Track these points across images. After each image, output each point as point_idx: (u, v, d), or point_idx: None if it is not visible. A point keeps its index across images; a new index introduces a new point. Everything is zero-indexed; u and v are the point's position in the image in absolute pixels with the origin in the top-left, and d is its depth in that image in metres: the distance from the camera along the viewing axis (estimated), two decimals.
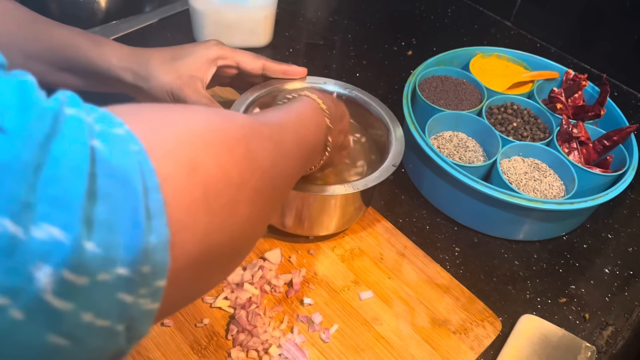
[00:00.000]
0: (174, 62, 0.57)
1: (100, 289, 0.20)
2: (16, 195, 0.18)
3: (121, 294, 0.21)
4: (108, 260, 0.20)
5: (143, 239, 0.21)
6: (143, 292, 0.22)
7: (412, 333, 0.56)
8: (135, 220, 0.21)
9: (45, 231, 0.19)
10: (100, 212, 0.20)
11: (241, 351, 0.52)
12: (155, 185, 0.22)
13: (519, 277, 0.64)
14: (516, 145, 0.68)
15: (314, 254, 0.61)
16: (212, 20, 0.82)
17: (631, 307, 0.63)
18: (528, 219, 0.64)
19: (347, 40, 0.94)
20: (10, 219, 0.18)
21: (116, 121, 0.23)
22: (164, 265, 0.23)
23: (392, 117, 0.64)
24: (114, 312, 0.21)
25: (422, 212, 0.69)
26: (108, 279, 0.20)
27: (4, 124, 0.18)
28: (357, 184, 0.55)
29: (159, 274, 0.22)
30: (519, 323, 0.58)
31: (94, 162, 0.20)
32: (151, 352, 0.51)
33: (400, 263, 0.62)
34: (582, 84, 0.77)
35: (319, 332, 0.55)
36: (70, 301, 0.19)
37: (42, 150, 0.19)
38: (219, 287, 0.57)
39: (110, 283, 0.20)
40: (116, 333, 0.22)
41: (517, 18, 1.01)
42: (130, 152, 0.22)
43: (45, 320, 0.19)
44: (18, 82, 0.20)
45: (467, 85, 0.76)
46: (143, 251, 0.21)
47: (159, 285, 0.23)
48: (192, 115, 0.28)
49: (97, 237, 0.20)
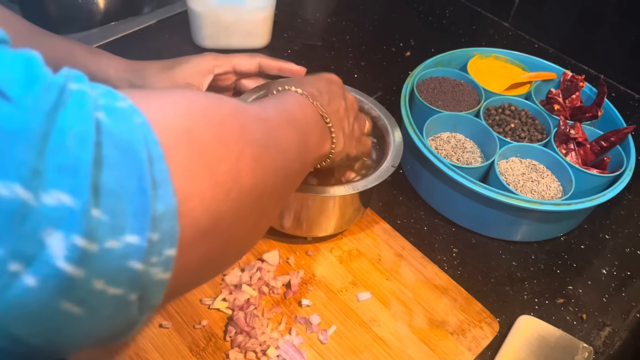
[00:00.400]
0: (170, 70, 0.58)
1: (110, 255, 0.21)
2: (26, 161, 0.19)
3: (132, 261, 0.21)
4: (116, 227, 0.21)
5: (150, 206, 0.22)
6: (154, 260, 0.22)
7: (409, 334, 0.56)
8: (142, 189, 0.22)
9: (55, 197, 0.19)
10: (107, 180, 0.21)
11: (239, 352, 0.52)
12: (159, 155, 0.23)
13: (516, 278, 0.64)
14: (514, 146, 0.69)
15: (312, 255, 0.61)
16: (210, 21, 0.82)
17: (628, 308, 0.63)
18: (526, 220, 0.64)
19: (346, 42, 0.94)
20: (20, 184, 0.18)
21: (119, 96, 0.23)
22: (174, 233, 0.23)
23: (390, 118, 0.64)
24: (125, 280, 0.21)
25: (420, 214, 0.69)
26: (117, 246, 0.21)
27: (13, 94, 0.19)
28: (357, 185, 0.55)
29: (169, 242, 0.23)
30: (516, 324, 0.58)
31: (100, 132, 0.21)
32: (150, 354, 0.51)
33: (398, 264, 0.62)
34: (580, 85, 0.77)
35: (317, 333, 0.55)
36: (82, 267, 0.20)
37: (49, 120, 0.20)
38: (217, 288, 0.57)
39: (120, 250, 0.21)
40: (128, 302, 0.22)
41: (515, 19, 1.02)
42: (134, 123, 0.23)
43: (58, 286, 0.19)
44: (25, 57, 0.21)
45: (465, 86, 0.77)
46: (151, 219, 0.22)
47: (170, 254, 0.23)
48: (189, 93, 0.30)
49: (104, 204, 0.20)
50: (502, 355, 0.55)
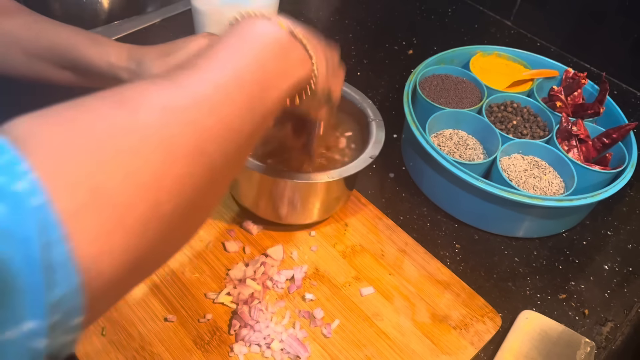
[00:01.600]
0: (166, 57, 0.58)
1: (11, 343, 0.21)
2: None
3: (34, 342, 0.22)
4: (13, 318, 0.21)
5: (45, 296, 0.22)
6: (58, 332, 0.22)
7: (412, 328, 0.56)
8: (34, 282, 0.21)
9: None
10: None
11: (244, 346, 0.52)
12: (59, 237, 0.22)
13: (518, 273, 0.64)
14: (516, 142, 0.69)
15: (315, 251, 0.62)
16: (214, 20, 0.82)
17: (630, 304, 0.63)
18: (528, 216, 0.65)
19: (348, 40, 0.95)
20: None
21: (19, 169, 0.22)
22: (77, 308, 0.23)
23: (375, 111, 0.64)
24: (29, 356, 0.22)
25: (422, 210, 0.70)
26: (17, 334, 0.21)
27: None
28: (333, 174, 0.56)
29: (73, 315, 0.23)
30: (518, 319, 0.58)
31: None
32: (155, 347, 0.52)
33: (401, 259, 0.62)
34: (582, 82, 0.77)
35: (320, 327, 0.55)
36: None
37: None
38: (221, 283, 0.57)
39: (21, 337, 0.21)
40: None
41: (517, 17, 1.02)
42: (30, 209, 0.22)
43: None
44: None
45: (468, 83, 0.77)
46: (48, 306, 0.22)
47: (77, 322, 0.23)
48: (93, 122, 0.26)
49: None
50: (504, 350, 0.55)
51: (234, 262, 0.59)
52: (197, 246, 0.60)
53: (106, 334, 0.52)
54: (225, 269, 0.59)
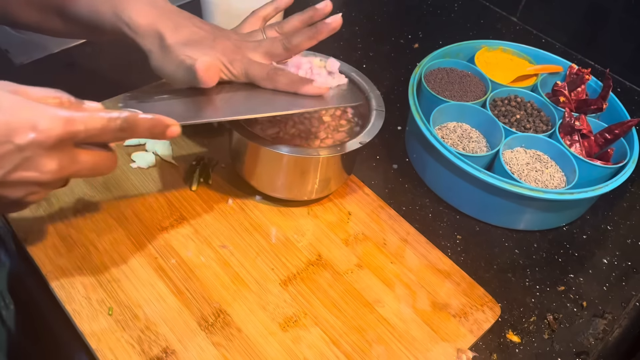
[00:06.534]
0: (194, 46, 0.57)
1: None
2: None
3: None
4: None
5: None
6: None
7: (413, 315, 0.57)
8: None
9: None
10: None
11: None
12: None
13: (518, 265, 0.65)
14: (519, 136, 0.70)
15: (318, 238, 0.62)
16: (222, 9, 0.83)
17: (628, 297, 0.64)
18: (529, 209, 0.66)
19: (355, 33, 0.95)
20: None
21: None
22: None
23: (380, 101, 0.64)
24: None
25: (425, 201, 0.70)
26: None
27: None
28: (320, 151, 0.58)
29: None
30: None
31: None
32: (159, 327, 0.53)
33: (403, 249, 0.63)
34: (586, 78, 0.78)
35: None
36: None
37: None
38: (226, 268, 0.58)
39: None
40: None
41: (523, 14, 1.02)
42: None
43: None
44: None
45: (472, 77, 0.78)
46: None
47: None
48: None
49: None
50: None
51: None
52: (203, 232, 0.61)
53: (112, 313, 0.53)
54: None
